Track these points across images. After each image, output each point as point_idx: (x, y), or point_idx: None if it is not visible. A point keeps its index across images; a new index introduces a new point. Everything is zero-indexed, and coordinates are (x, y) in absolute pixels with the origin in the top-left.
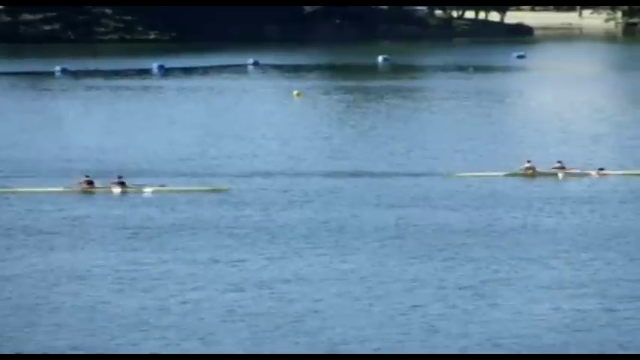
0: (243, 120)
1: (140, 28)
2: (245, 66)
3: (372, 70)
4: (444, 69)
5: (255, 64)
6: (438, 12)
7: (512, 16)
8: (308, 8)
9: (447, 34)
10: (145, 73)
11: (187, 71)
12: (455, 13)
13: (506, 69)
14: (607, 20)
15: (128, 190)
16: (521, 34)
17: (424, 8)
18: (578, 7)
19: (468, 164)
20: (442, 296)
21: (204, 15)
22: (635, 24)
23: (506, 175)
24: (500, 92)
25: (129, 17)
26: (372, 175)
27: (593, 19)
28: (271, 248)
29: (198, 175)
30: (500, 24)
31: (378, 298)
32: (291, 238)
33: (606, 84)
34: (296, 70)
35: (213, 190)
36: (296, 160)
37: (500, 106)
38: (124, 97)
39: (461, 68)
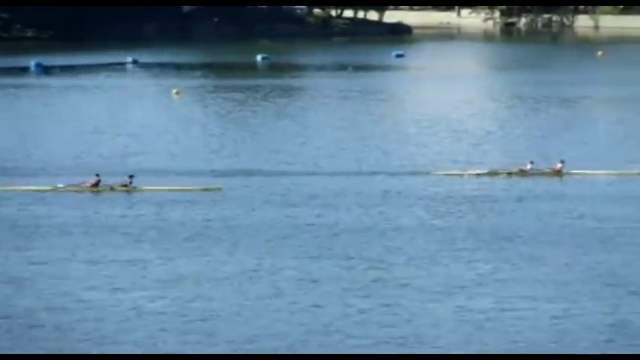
0: (123, 118)
1: (18, 26)
2: (124, 64)
3: (251, 69)
4: (324, 68)
5: (135, 62)
6: (317, 11)
7: (391, 16)
8: (186, 7)
9: (326, 33)
10: (22, 71)
11: (66, 69)
12: (333, 12)
13: (385, 68)
14: (485, 20)
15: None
16: (400, 33)
17: (303, 7)
18: (457, 6)
19: (356, 163)
20: (331, 295)
21: (83, 13)
22: (513, 24)
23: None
24: (381, 91)
25: (5, 15)
26: (254, 173)
27: (471, 19)
28: (160, 249)
29: (72, 174)
30: (379, 23)
31: (268, 297)
32: (181, 238)
33: (485, 83)
34: (175, 68)
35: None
36: (176, 158)
37: (382, 105)
38: (0, 95)
39: (340, 67)
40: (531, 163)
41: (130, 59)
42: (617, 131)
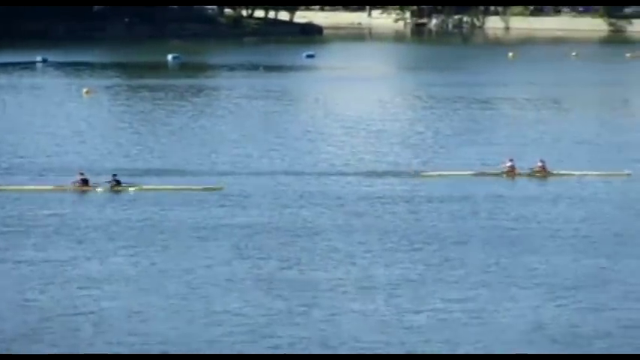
0: (33, 117)
1: None
2: (34, 63)
3: (161, 69)
4: (235, 68)
5: (44, 61)
6: (228, 10)
7: (302, 16)
8: (97, 7)
9: (237, 32)
10: None
11: None
12: (245, 12)
13: (296, 68)
14: (396, 20)
15: None
16: (311, 33)
17: (214, 7)
18: (367, 6)
19: (270, 163)
20: (247, 295)
21: None
22: (423, 24)
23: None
24: (291, 91)
25: None
26: (164, 173)
27: (382, 20)
28: (78, 248)
29: None
30: (290, 23)
31: (186, 298)
32: (97, 237)
33: (396, 83)
34: (86, 68)
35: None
36: (84, 156)
37: (292, 105)
38: None
39: (251, 67)
40: (510, 160)
41: (39, 58)
42: (531, 131)
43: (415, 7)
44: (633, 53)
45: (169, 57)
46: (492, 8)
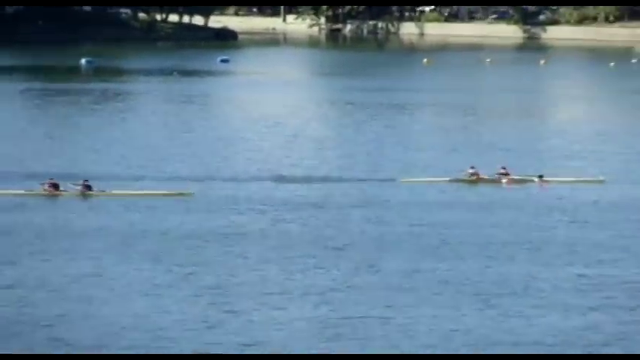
0: None
1: None
2: None
3: (75, 73)
4: (149, 72)
5: None
6: (142, 15)
7: (216, 20)
8: (9, 9)
9: (151, 37)
10: None
11: None
12: (159, 16)
13: (210, 73)
14: (311, 26)
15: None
16: (225, 38)
17: (127, 10)
18: (282, 10)
19: (187, 167)
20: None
21: None
22: (338, 30)
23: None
24: (205, 96)
25: None
26: (76, 177)
27: (297, 25)
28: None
29: None
30: (205, 28)
31: (105, 302)
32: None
33: (311, 89)
34: None
35: None
36: None
37: (205, 110)
38: None
39: (165, 72)
40: (472, 167)
41: None
42: (448, 138)
43: (330, 13)
44: (546, 60)
45: (83, 61)
46: (407, 14)
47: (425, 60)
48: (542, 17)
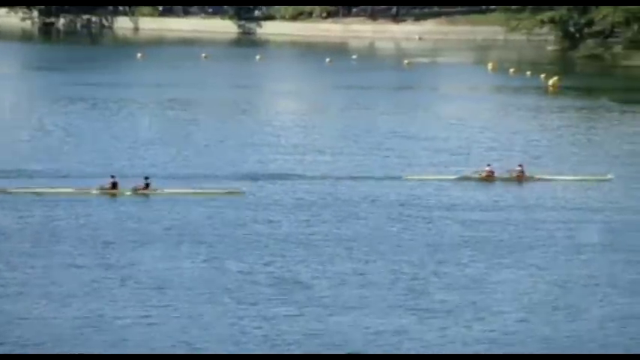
0: None
1: None
2: None
3: None
4: None
5: None
6: None
7: None
8: None
9: None
10: None
11: None
12: None
13: None
14: (23, 19)
15: None
16: None
17: None
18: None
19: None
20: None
21: None
22: (51, 24)
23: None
24: None
25: None
26: None
27: (9, 18)
28: None
29: None
30: None
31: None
32: None
33: (23, 83)
34: None
35: None
36: None
37: None
38: None
39: None
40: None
41: None
42: (163, 133)
43: (43, 7)
44: (262, 56)
45: None
46: (121, 8)
47: (139, 54)
48: (257, 13)
